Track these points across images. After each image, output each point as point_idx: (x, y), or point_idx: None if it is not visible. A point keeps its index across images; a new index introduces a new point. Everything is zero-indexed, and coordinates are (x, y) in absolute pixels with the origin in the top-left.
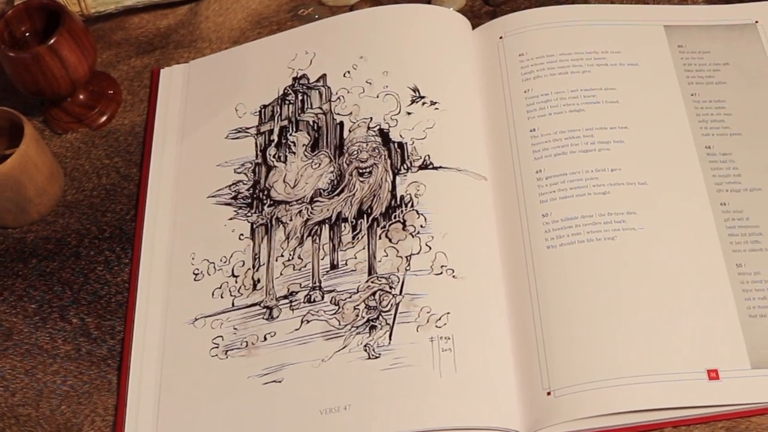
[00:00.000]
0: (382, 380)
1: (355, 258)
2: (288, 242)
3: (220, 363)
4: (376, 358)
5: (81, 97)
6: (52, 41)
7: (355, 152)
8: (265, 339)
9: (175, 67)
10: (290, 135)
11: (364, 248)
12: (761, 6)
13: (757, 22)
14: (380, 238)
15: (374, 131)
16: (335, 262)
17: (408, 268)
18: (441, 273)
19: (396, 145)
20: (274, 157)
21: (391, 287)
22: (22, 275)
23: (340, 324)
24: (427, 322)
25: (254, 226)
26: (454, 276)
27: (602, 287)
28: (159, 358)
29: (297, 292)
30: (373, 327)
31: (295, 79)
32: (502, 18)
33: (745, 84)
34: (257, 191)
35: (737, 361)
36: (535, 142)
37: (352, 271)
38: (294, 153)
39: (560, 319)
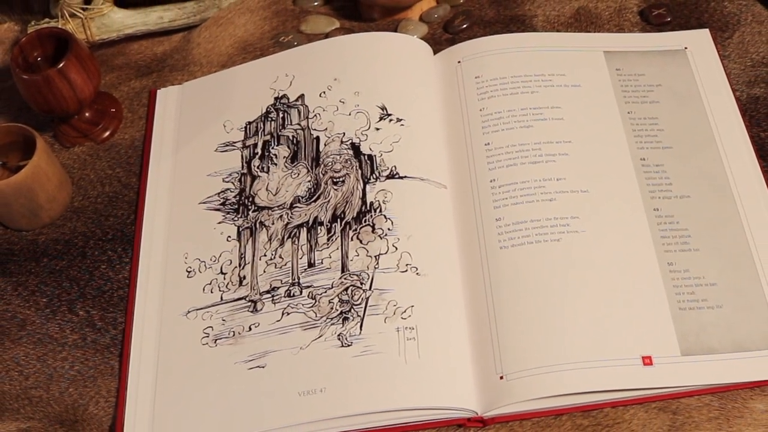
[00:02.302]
0: (353, 366)
1: (330, 257)
2: (270, 243)
3: (210, 350)
4: (349, 346)
5: (87, 114)
6: (61, 65)
7: (330, 163)
8: (250, 329)
9: (170, 88)
10: (272, 148)
11: (337, 248)
12: (690, 34)
13: (686, 48)
14: (352, 239)
15: (347, 145)
16: (312, 261)
17: (377, 266)
18: (406, 270)
19: (366, 157)
20: (258, 167)
21: (361, 283)
22: (35, 273)
23: (316, 316)
24: (394, 314)
25: (240, 229)
26: (417, 273)
27: (549, 283)
28: (156, 346)
29: (278, 288)
30: (345, 318)
31: (276, 98)
32: (460, 44)
33: (676, 103)
34: (243, 198)
35: (668, 348)
36: (489, 155)
37: (327, 269)
38: (276, 164)
39: (511, 312)
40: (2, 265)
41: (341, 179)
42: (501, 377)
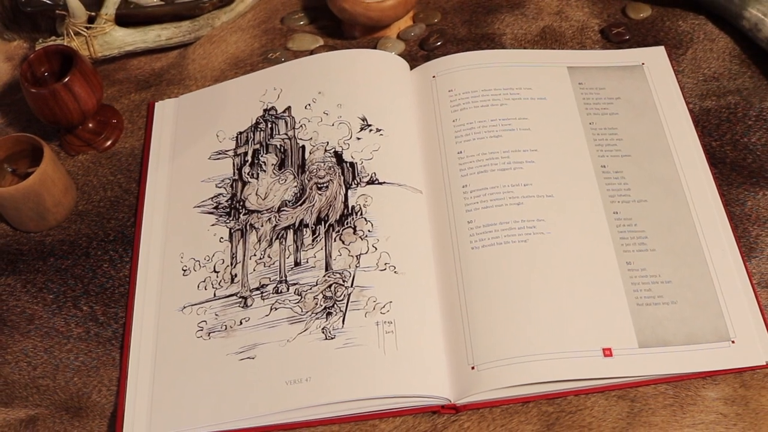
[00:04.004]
0: (336, 357)
1: (315, 257)
2: (259, 244)
3: (204, 343)
4: (332, 338)
5: (90, 125)
6: (66, 80)
7: (315, 170)
8: (241, 323)
9: (167, 100)
10: (261, 156)
11: (322, 249)
12: (647, 51)
13: (643, 63)
14: (335, 240)
15: (330, 153)
16: (298, 260)
17: (358, 265)
18: (385, 269)
19: (348, 164)
20: (248, 174)
21: (344, 281)
22: (42, 271)
23: (302, 311)
24: (374, 309)
25: (232, 231)
26: (395, 271)
27: (517, 281)
28: (154, 339)
29: (267, 285)
30: (329, 313)
31: (265, 110)
32: (434, 60)
33: (634, 115)
34: (234, 202)
35: (627, 341)
36: (461, 162)
37: (312, 267)
38: (264, 171)
39: (482, 307)
40: (12, 264)
41: (325, 185)
42: (472, 367)
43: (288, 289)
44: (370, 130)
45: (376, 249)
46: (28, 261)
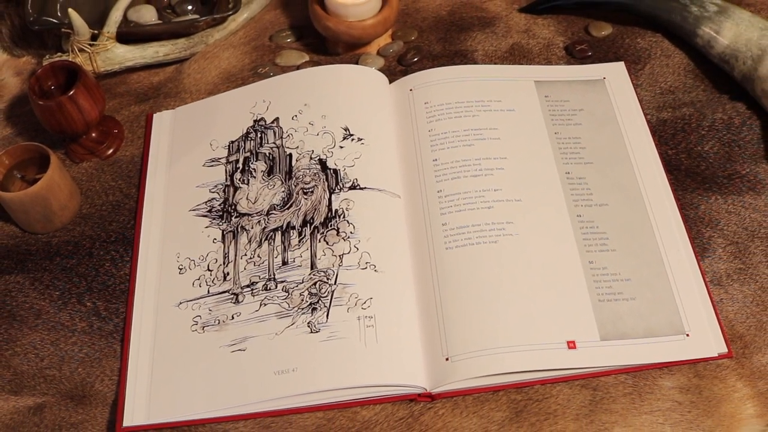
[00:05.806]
0: (321, 349)
1: (301, 256)
2: (250, 244)
3: (198, 336)
4: (317, 332)
5: (93, 135)
6: (71, 93)
7: (301, 176)
8: (233, 318)
9: (164, 112)
10: (252, 163)
11: (307, 249)
12: (608, 66)
13: (604, 78)
14: (320, 241)
15: (315, 161)
16: (286, 260)
17: (341, 264)
18: (366, 268)
19: (332, 171)
20: (239, 180)
21: (328, 278)
22: (49, 269)
23: (289, 306)
24: (355, 305)
25: (224, 232)
26: (375, 270)
27: (487, 279)
28: (152, 332)
29: (257, 282)
30: (314, 309)
31: (255, 121)
32: (412, 75)
33: (596, 125)
34: (227, 206)
35: (589, 334)
36: (437, 169)
37: (299, 266)
38: (254, 177)
39: (456, 303)
40: (21, 264)
41: (310, 190)
42: (447, 359)
43: (276, 287)
44: (352, 140)
45: (357, 249)
46: (35, 260)
